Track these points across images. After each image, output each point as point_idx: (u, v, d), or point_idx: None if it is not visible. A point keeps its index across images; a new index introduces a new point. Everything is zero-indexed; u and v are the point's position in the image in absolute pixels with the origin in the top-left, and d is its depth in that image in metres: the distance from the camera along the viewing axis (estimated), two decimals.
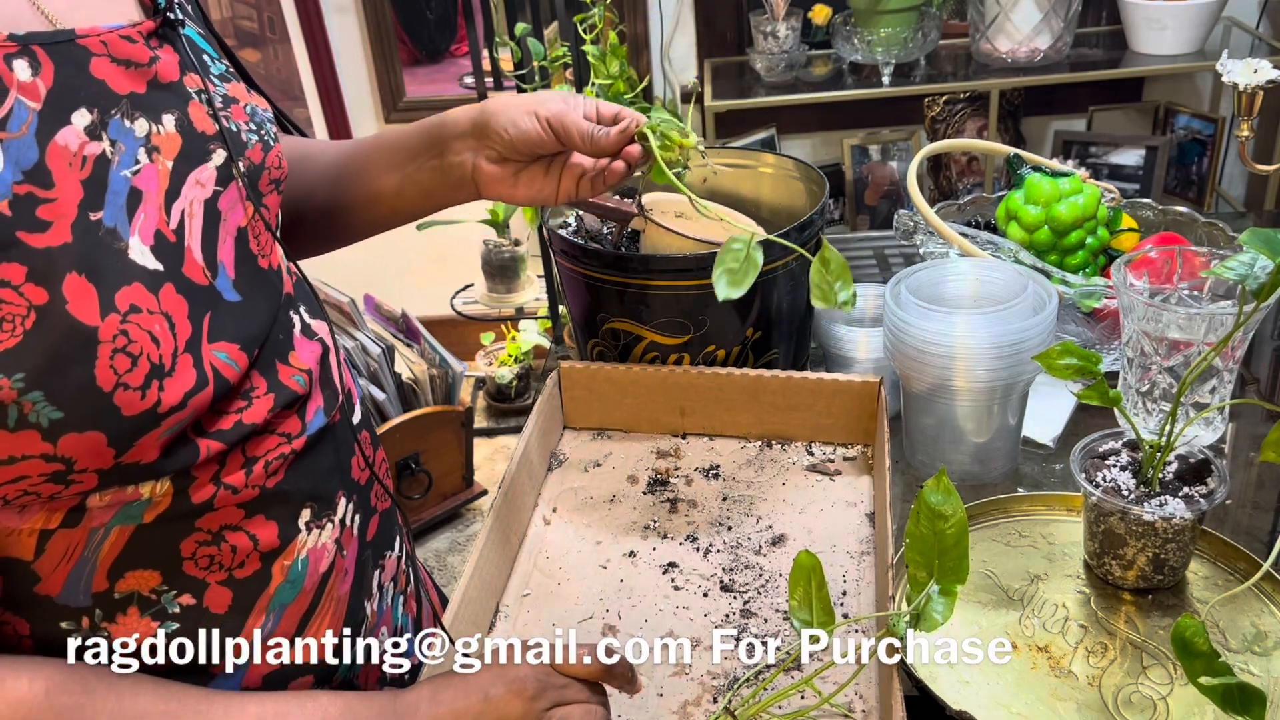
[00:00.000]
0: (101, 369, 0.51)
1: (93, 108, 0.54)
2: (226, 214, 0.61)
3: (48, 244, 0.50)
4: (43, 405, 0.50)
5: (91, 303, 0.51)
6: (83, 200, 0.52)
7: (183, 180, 0.59)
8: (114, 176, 0.54)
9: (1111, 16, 2.61)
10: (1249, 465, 1.02)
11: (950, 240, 1.15)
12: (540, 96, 0.79)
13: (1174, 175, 2.70)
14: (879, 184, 2.85)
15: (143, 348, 0.53)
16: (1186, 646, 0.61)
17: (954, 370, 0.92)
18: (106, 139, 0.54)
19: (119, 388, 0.52)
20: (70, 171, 0.52)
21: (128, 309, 0.53)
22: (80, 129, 0.53)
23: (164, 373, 0.54)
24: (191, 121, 0.60)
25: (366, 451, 0.74)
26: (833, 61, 2.61)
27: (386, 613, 0.76)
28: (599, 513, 0.92)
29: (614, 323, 0.99)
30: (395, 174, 0.83)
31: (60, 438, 0.51)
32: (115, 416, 0.52)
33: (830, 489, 0.93)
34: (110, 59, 0.56)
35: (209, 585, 0.62)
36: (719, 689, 0.73)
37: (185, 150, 0.59)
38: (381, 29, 2.80)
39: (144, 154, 0.56)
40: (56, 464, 0.52)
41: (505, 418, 2.81)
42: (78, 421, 0.51)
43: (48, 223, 0.51)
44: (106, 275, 0.52)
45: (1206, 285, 0.93)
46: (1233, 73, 1.20)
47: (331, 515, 0.68)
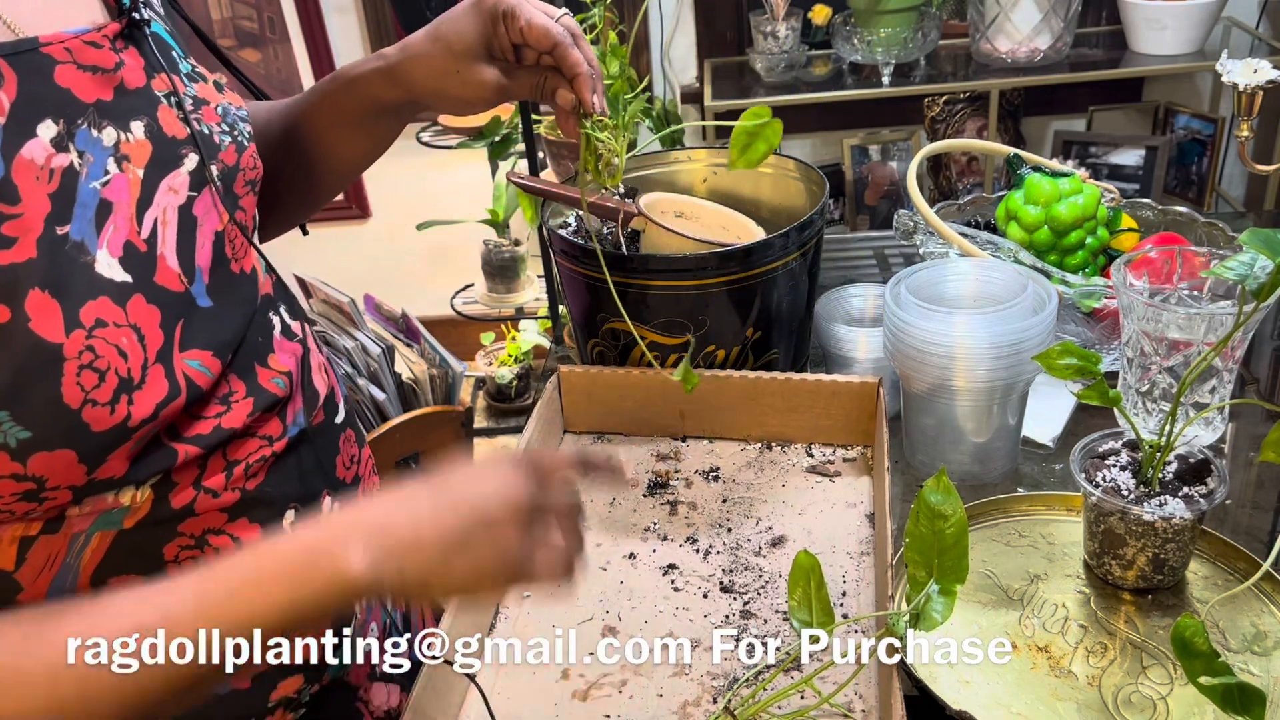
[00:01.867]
0: (68, 386, 0.50)
1: (59, 118, 0.53)
2: (202, 219, 0.61)
3: (11, 260, 0.49)
4: (9, 425, 0.49)
5: (55, 319, 0.50)
6: (50, 214, 0.51)
7: (154, 188, 0.57)
8: (83, 189, 0.53)
9: (1111, 16, 2.61)
10: (1249, 465, 1.02)
11: (950, 240, 1.15)
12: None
13: (1174, 175, 2.70)
14: (879, 184, 2.85)
15: (110, 362, 0.52)
16: (1186, 646, 0.61)
17: (954, 370, 0.92)
18: (74, 150, 0.53)
19: (86, 404, 0.51)
20: (38, 185, 0.51)
21: (93, 324, 0.52)
22: (46, 141, 0.52)
23: (133, 386, 0.53)
24: (161, 127, 0.59)
25: (352, 450, 0.74)
26: (833, 62, 2.61)
27: (375, 610, 0.76)
28: (599, 515, 0.92)
29: (614, 323, 0.99)
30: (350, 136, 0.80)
31: (29, 457, 0.50)
32: (85, 433, 0.51)
33: (830, 490, 0.93)
34: (76, 65, 0.55)
35: None
36: (719, 689, 0.73)
37: (156, 157, 0.58)
38: (381, 29, 2.80)
39: (113, 164, 0.55)
40: (28, 483, 0.51)
41: (505, 418, 2.80)
42: (46, 440, 0.50)
43: (12, 239, 0.49)
44: (72, 290, 0.51)
45: (1206, 285, 0.93)
46: (1233, 73, 1.20)
47: (317, 515, 0.67)
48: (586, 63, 0.74)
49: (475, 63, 0.74)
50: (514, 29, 0.73)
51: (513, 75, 0.76)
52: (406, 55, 0.75)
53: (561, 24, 0.74)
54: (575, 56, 0.74)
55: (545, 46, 0.74)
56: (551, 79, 0.76)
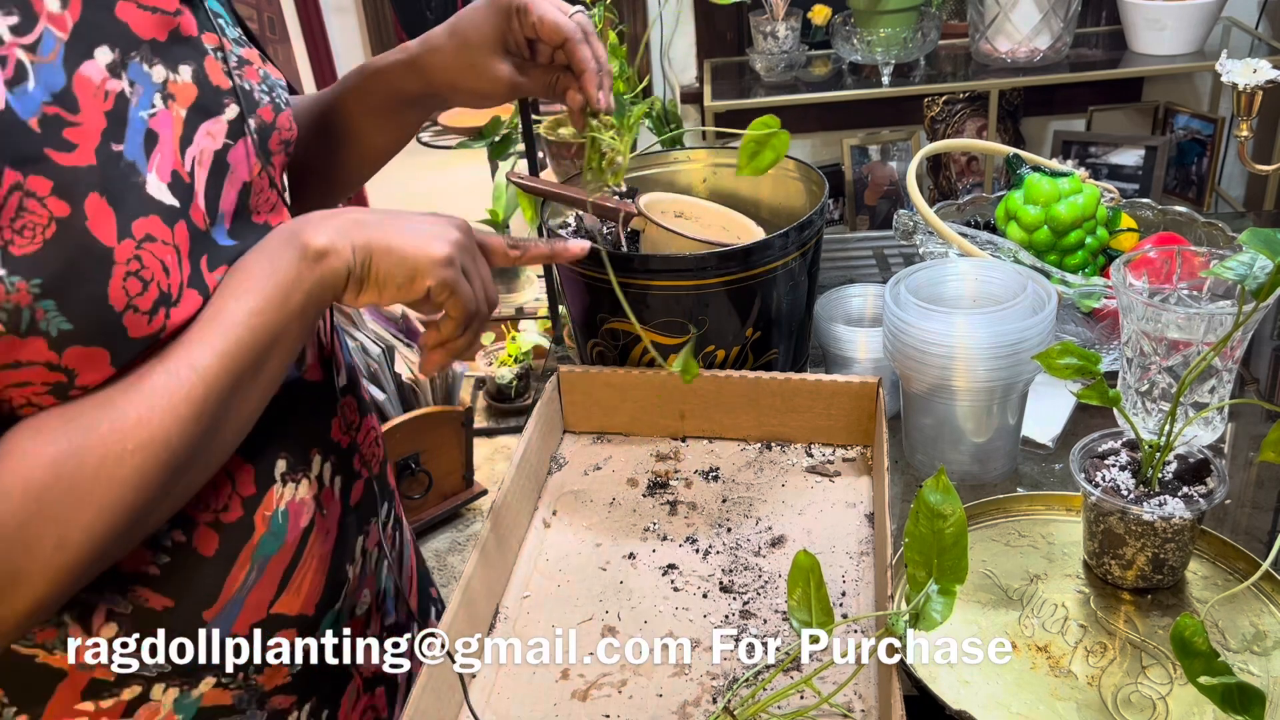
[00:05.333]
0: (114, 288, 0.54)
1: (114, 47, 0.56)
2: (235, 168, 0.64)
3: (73, 163, 0.53)
4: (54, 314, 0.52)
5: (110, 225, 0.54)
6: (105, 130, 0.55)
7: (194, 129, 0.61)
8: (133, 115, 0.57)
9: (1111, 16, 2.61)
10: (1248, 465, 1.02)
11: (950, 240, 1.15)
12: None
13: (1173, 175, 2.70)
14: (879, 184, 2.86)
15: (154, 275, 0.56)
16: (1186, 646, 0.61)
17: (954, 370, 0.92)
18: (126, 79, 0.57)
19: (129, 309, 0.55)
20: (95, 102, 0.54)
21: (143, 237, 0.55)
22: (102, 65, 0.55)
23: (170, 301, 0.57)
24: (207, 75, 0.63)
25: (350, 417, 0.76)
26: (832, 62, 2.61)
27: (370, 577, 0.79)
28: (599, 515, 0.92)
29: (614, 323, 1.00)
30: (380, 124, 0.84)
31: (66, 349, 0.53)
32: (122, 336, 0.55)
33: (830, 490, 0.93)
34: (136, 4, 0.59)
35: (198, 525, 0.64)
36: (719, 689, 0.73)
37: (199, 101, 0.62)
38: (381, 29, 2.80)
39: (159, 99, 0.59)
40: (59, 374, 0.54)
41: (505, 418, 2.81)
42: (85, 335, 0.53)
43: (73, 144, 0.53)
44: (126, 203, 0.55)
45: (1206, 285, 0.93)
46: (1232, 73, 1.20)
47: (307, 471, 0.70)
48: (595, 60, 0.75)
49: (490, 57, 0.76)
50: (527, 24, 0.75)
51: (526, 71, 0.78)
52: (426, 48, 0.77)
53: (574, 20, 0.75)
54: (584, 53, 0.75)
55: (556, 41, 0.75)
56: (564, 78, 0.77)
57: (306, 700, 0.73)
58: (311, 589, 0.71)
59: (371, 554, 0.79)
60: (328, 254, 0.61)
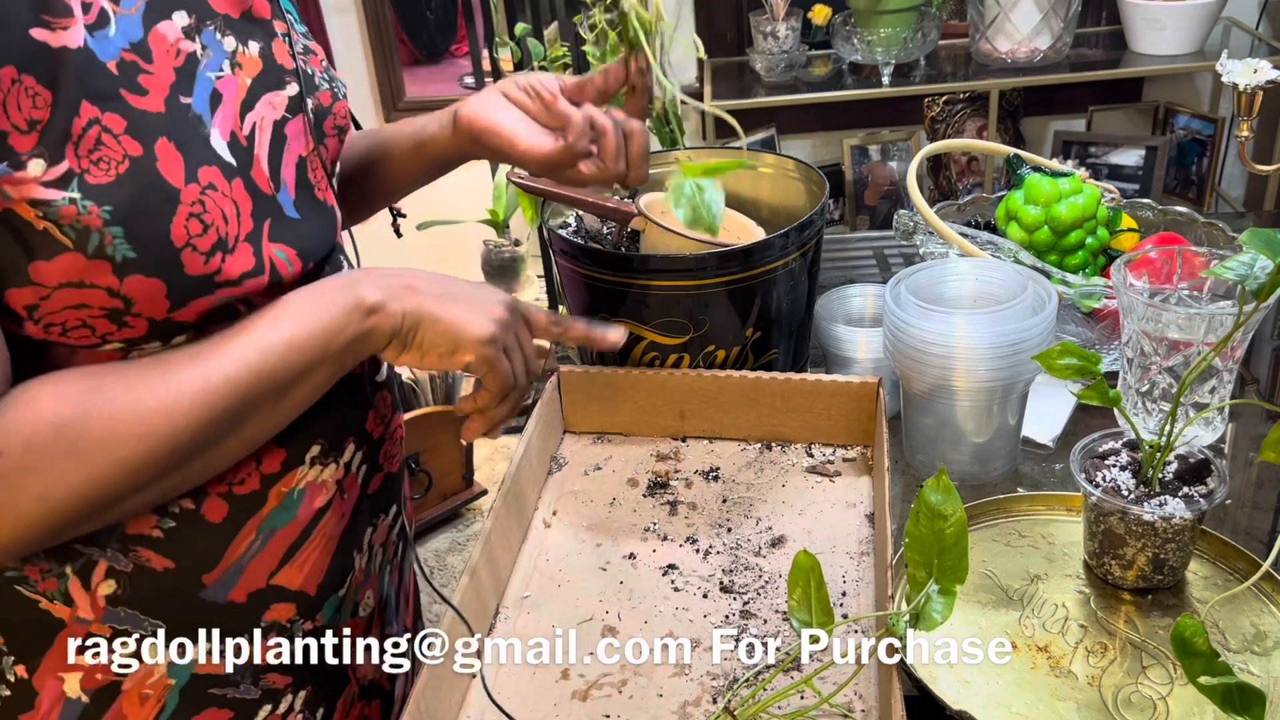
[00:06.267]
0: (177, 226, 0.57)
1: (191, 14, 0.61)
2: (291, 140, 0.67)
3: (144, 108, 0.56)
4: (120, 241, 0.55)
5: (178, 168, 0.57)
6: (174, 84, 0.59)
7: (257, 98, 0.64)
8: (201, 74, 0.61)
9: (1111, 16, 2.61)
10: (1249, 465, 1.02)
11: (950, 240, 1.15)
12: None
13: (1174, 175, 2.70)
14: (879, 184, 2.85)
15: (214, 220, 0.59)
16: (1186, 646, 0.61)
17: (954, 370, 0.92)
18: (199, 42, 0.61)
19: (188, 247, 0.58)
20: (167, 57, 0.59)
21: (207, 184, 0.59)
22: (179, 26, 0.60)
23: (227, 248, 0.60)
24: (273, 54, 0.67)
25: (384, 411, 0.78)
26: (832, 62, 2.61)
27: (374, 577, 0.79)
28: (599, 515, 0.92)
29: (614, 322, 0.99)
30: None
31: (127, 276, 0.56)
32: (179, 272, 0.58)
33: (830, 490, 0.93)
34: None
35: (208, 495, 0.65)
36: (719, 689, 0.73)
37: (264, 75, 0.66)
38: (381, 29, 2.80)
39: (228, 65, 0.63)
40: (117, 300, 0.57)
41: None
42: (146, 265, 0.56)
43: (146, 90, 0.57)
44: (192, 151, 0.58)
45: (1206, 285, 0.93)
46: (1232, 73, 1.20)
47: (339, 458, 0.72)
48: (615, 143, 0.79)
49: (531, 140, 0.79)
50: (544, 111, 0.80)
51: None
52: (472, 139, 0.81)
53: (584, 115, 0.78)
54: (603, 144, 0.79)
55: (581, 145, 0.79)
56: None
57: (302, 687, 0.73)
58: (315, 567, 0.71)
59: (377, 552, 0.79)
60: (377, 311, 0.65)
